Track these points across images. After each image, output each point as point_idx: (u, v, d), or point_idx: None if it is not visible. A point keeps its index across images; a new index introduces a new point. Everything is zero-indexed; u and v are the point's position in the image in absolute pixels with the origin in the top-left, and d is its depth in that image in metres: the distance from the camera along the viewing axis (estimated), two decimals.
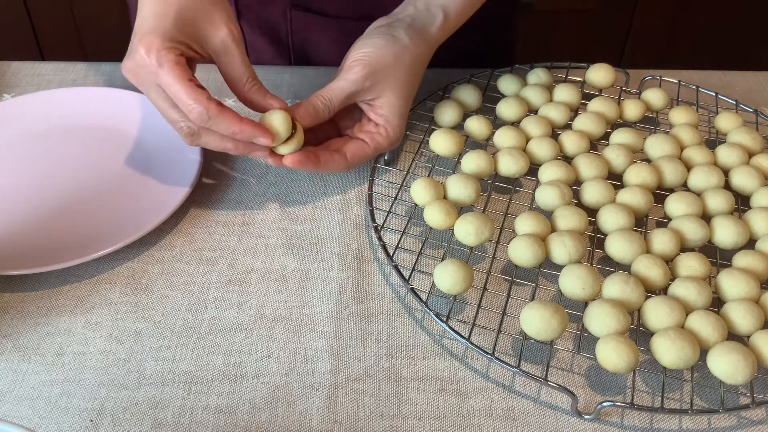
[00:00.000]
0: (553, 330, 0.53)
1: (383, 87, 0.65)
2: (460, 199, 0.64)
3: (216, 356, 0.56)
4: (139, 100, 0.76)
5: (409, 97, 0.67)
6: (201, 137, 0.60)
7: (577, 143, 0.69)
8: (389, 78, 0.64)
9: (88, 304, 0.59)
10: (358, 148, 0.65)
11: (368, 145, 0.66)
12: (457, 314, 0.59)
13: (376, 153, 0.67)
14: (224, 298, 0.60)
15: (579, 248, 0.59)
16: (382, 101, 0.65)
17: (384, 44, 0.64)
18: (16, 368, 0.55)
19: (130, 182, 0.69)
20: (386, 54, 0.64)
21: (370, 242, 0.65)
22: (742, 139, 0.69)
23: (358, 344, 0.57)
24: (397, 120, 0.66)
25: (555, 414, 0.53)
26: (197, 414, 0.52)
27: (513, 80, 0.76)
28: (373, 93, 0.65)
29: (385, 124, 0.66)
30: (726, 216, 0.62)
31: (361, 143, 0.66)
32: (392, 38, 0.65)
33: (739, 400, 0.54)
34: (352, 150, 0.65)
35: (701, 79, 0.82)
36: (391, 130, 0.66)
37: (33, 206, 0.66)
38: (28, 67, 0.83)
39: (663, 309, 0.54)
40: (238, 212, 0.67)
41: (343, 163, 0.65)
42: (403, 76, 0.65)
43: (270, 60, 0.87)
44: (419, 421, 0.52)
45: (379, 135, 0.66)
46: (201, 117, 0.58)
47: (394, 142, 0.67)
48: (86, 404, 0.53)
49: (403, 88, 0.65)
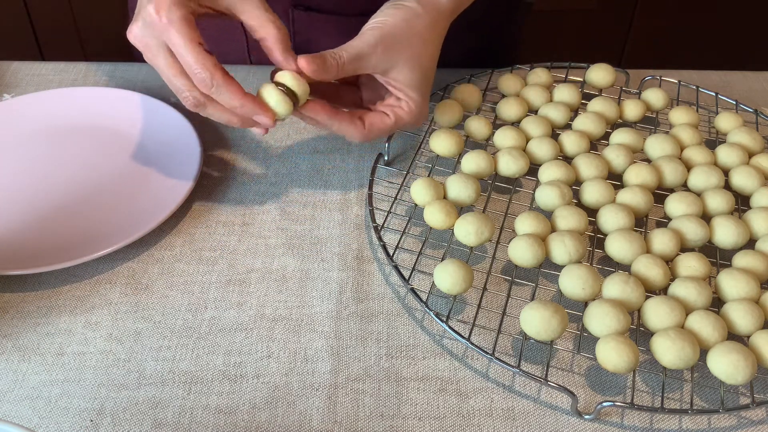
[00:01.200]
0: (553, 330, 0.53)
1: (397, 56, 0.62)
2: (460, 199, 0.64)
3: (216, 356, 0.56)
4: (139, 100, 0.76)
5: (426, 69, 0.64)
6: (207, 108, 0.59)
7: (577, 143, 0.69)
8: (403, 46, 0.62)
9: (88, 304, 0.59)
10: (377, 118, 0.64)
11: (389, 117, 0.64)
12: (457, 314, 0.59)
13: (396, 126, 0.64)
14: (224, 298, 0.60)
15: (579, 248, 0.59)
16: (397, 72, 0.63)
17: (394, 12, 0.63)
18: (16, 368, 0.55)
19: (130, 182, 0.69)
20: (397, 21, 0.62)
21: (370, 242, 0.65)
22: (742, 139, 0.69)
23: (358, 344, 0.57)
24: (416, 94, 0.64)
25: (555, 414, 0.53)
26: (197, 414, 0.52)
27: (513, 80, 0.76)
28: (387, 62, 0.62)
29: (407, 99, 0.64)
30: (726, 216, 0.62)
31: (381, 114, 0.64)
32: (402, 7, 0.63)
33: (739, 400, 0.54)
34: (371, 118, 0.63)
35: (701, 79, 0.82)
36: (413, 103, 0.64)
37: (33, 206, 0.66)
38: (28, 67, 0.83)
39: (663, 309, 0.54)
40: (238, 212, 0.67)
41: (360, 129, 0.63)
42: (416, 43, 0.63)
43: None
44: (419, 421, 0.52)
45: (400, 108, 0.64)
46: (204, 83, 0.56)
47: (417, 117, 0.64)
48: (86, 404, 0.53)
49: (418, 58, 0.63)
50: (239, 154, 0.73)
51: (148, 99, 0.76)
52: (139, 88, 0.79)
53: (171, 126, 0.73)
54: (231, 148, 0.74)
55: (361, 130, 0.63)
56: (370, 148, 0.74)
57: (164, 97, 0.79)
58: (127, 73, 0.83)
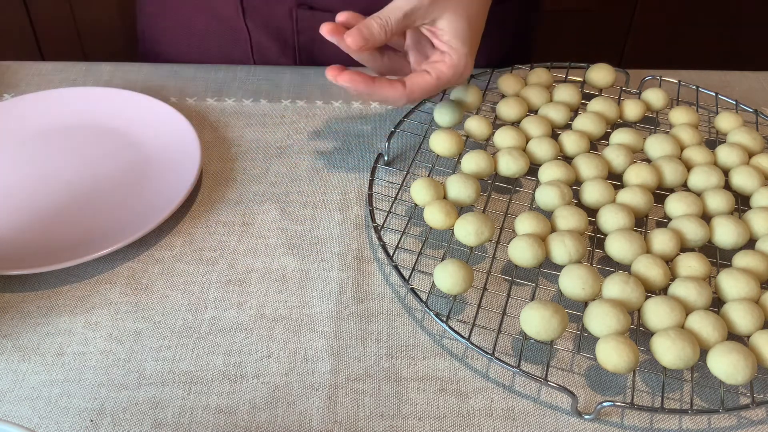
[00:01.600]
0: (553, 330, 0.53)
1: (444, 5, 0.61)
2: (460, 199, 0.64)
3: (216, 356, 0.56)
4: (139, 100, 0.76)
5: (473, 21, 0.63)
6: None
7: (577, 143, 0.69)
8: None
9: (88, 304, 0.59)
10: (418, 77, 0.62)
11: (429, 75, 0.62)
12: (457, 314, 0.59)
13: (439, 84, 0.63)
14: (224, 298, 0.60)
15: (579, 248, 0.59)
16: (443, 23, 0.62)
17: None
18: (16, 368, 0.55)
19: (130, 182, 0.69)
20: None
21: (370, 242, 0.65)
22: (742, 139, 0.69)
23: (358, 344, 0.57)
24: (460, 45, 0.62)
25: (555, 414, 0.53)
26: (197, 414, 0.52)
27: (513, 80, 0.76)
28: (433, 12, 0.61)
29: (449, 51, 0.62)
30: (726, 216, 0.62)
31: (422, 73, 0.62)
32: None
33: (739, 400, 0.54)
34: (412, 79, 0.62)
35: (701, 79, 0.82)
36: (455, 56, 0.62)
37: (33, 206, 0.66)
38: (28, 67, 0.83)
39: (663, 309, 0.54)
40: (238, 212, 0.67)
41: (401, 91, 0.62)
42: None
43: (275, 60, 0.87)
44: (419, 421, 0.52)
45: (442, 63, 0.62)
46: None
47: (459, 71, 0.63)
48: (86, 404, 0.53)
49: (466, 8, 0.62)
50: (239, 154, 0.73)
51: (148, 99, 0.76)
52: (139, 88, 0.79)
53: (171, 126, 0.73)
54: (231, 148, 0.74)
55: (402, 91, 0.61)
56: (370, 148, 0.74)
57: (164, 97, 0.79)
58: (127, 73, 0.83)
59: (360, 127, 0.76)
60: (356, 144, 0.74)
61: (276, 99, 0.80)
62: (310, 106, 0.79)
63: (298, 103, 0.79)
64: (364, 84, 0.61)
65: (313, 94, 0.80)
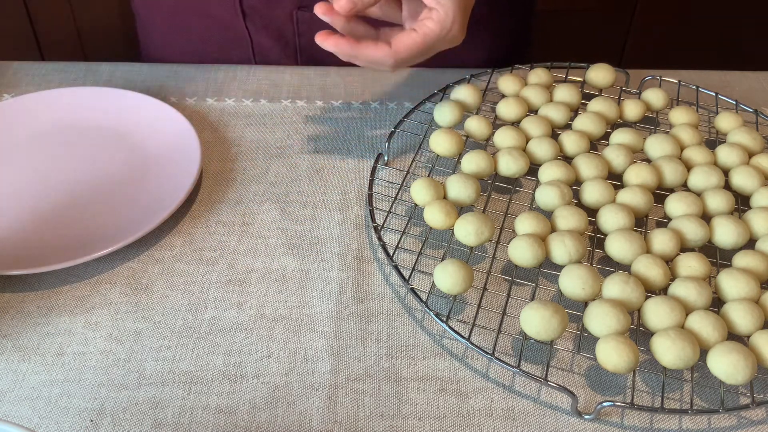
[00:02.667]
0: (553, 330, 0.53)
1: None
2: (460, 199, 0.64)
3: (216, 356, 0.56)
4: (139, 100, 0.76)
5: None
6: None
7: (577, 143, 0.69)
8: None
9: (88, 304, 0.59)
10: (404, 35, 0.59)
11: (416, 32, 0.59)
12: (457, 314, 0.59)
13: (426, 42, 0.60)
14: (224, 298, 0.60)
15: (579, 248, 0.59)
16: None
17: None
18: (16, 368, 0.55)
19: (130, 182, 0.69)
20: None
21: (370, 242, 0.65)
22: (742, 139, 0.69)
23: (358, 344, 0.57)
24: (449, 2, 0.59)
25: (555, 414, 0.53)
26: (197, 414, 0.52)
27: (513, 80, 0.76)
28: None
29: (437, 6, 0.59)
30: (726, 216, 0.62)
31: (408, 31, 0.60)
32: None
33: (739, 400, 0.54)
34: (397, 38, 0.59)
35: (701, 79, 0.82)
36: (442, 11, 0.59)
37: (33, 206, 0.66)
38: (28, 67, 0.83)
39: (663, 309, 0.54)
40: (238, 212, 0.67)
41: (387, 51, 0.59)
42: None
43: (276, 61, 0.87)
44: (419, 421, 0.52)
45: (429, 19, 0.59)
46: None
47: (447, 26, 0.60)
48: (86, 404, 0.53)
49: None
50: (239, 154, 0.73)
51: (148, 99, 0.76)
52: (139, 88, 0.79)
53: (171, 126, 0.73)
54: (231, 148, 0.74)
55: (386, 51, 0.59)
56: (370, 148, 0.74)
57: (164, 97, 0.79)
58: (127, 73, 0.83)
59: (360, 127, 0.76)
60: (356, 144, 0.74)
61: (276, 99, 0.80)
62: (310, 106, 0.79)
63: (298, 103, 0.79)
64: (348, 45, 0.60)
65: (313, 94, 0.80)
